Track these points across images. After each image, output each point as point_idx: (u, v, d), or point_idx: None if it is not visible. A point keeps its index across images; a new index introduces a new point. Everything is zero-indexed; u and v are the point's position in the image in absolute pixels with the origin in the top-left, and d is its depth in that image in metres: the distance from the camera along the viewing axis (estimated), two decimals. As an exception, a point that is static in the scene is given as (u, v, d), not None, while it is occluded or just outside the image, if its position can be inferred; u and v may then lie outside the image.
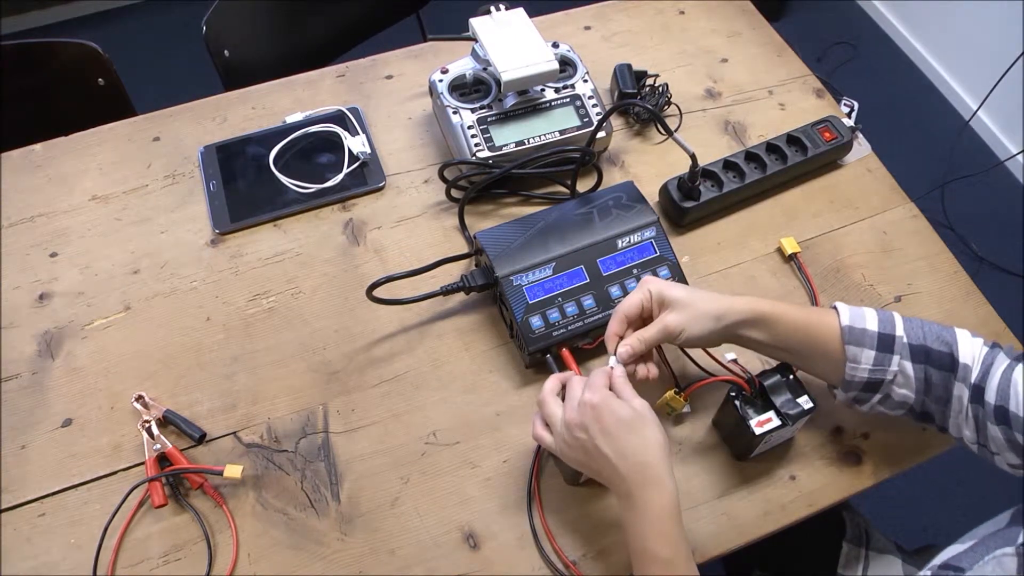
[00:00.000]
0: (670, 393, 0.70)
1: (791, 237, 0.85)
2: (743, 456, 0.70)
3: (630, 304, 0.65)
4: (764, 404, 0.66)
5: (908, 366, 0.61)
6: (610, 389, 0.60)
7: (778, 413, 0.65)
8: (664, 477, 0.57)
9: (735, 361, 0.68)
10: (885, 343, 0.61)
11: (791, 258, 0.84)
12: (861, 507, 0.88)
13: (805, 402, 0.66)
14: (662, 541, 0.55)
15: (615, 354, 0.64)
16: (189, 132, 0.93)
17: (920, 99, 2.21)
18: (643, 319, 0.66)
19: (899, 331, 0.62)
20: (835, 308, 0.64)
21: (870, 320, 0.62)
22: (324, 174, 0.89)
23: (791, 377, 0.67)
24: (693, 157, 0.78)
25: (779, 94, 1.01)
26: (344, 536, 0.66)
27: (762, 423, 0.65)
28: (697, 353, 0.73)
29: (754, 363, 0.76)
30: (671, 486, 0.57)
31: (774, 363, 0.69)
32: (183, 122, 0.94)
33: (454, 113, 0.85)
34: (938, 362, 0.61)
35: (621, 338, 0.65)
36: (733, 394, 0.66)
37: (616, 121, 0.96)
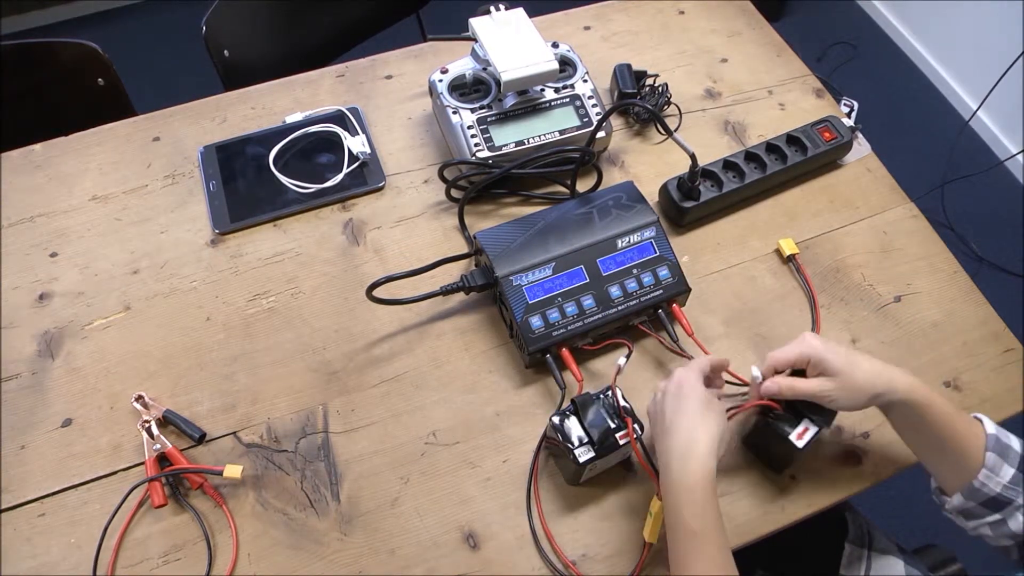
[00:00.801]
0: None
1: (789, 238, 0.85)
2: (781, 469, 0.69)
3: (784, 358, 0.64)
4: (794, 415, 0.65)
5: None
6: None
7: (811, 420, 0.64)
8: (704, 456, 0.58)
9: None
10: None
11: (789, 259, 0.84)
12: (861, 507, 0.88)
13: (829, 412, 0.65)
14: (693, 513, 0.57)
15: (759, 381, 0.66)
16: (189, 132, 0.93)
17: (920, 99, 2.21)
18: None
19: None
20: (978, 418, 0.62)
21: (1014, 440, 0.60)
22: (324, 174, 0.89)
23: None
24: (693, 157, 0.78)
25: (779, 94, 1.01)
26: (344, 536, 0.66)
27: (801, 435, 0.64)
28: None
29: (747, 355, 0.76)
30: (709, 466, 0.58)
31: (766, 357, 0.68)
32: (183, 122, 0.94)
33: (454, 113, 0.85)
34: None
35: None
36: (769, 417, 0.65)
37: (616, 121, 0.96)
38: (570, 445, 0.64)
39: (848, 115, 1.00)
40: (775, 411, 0.65)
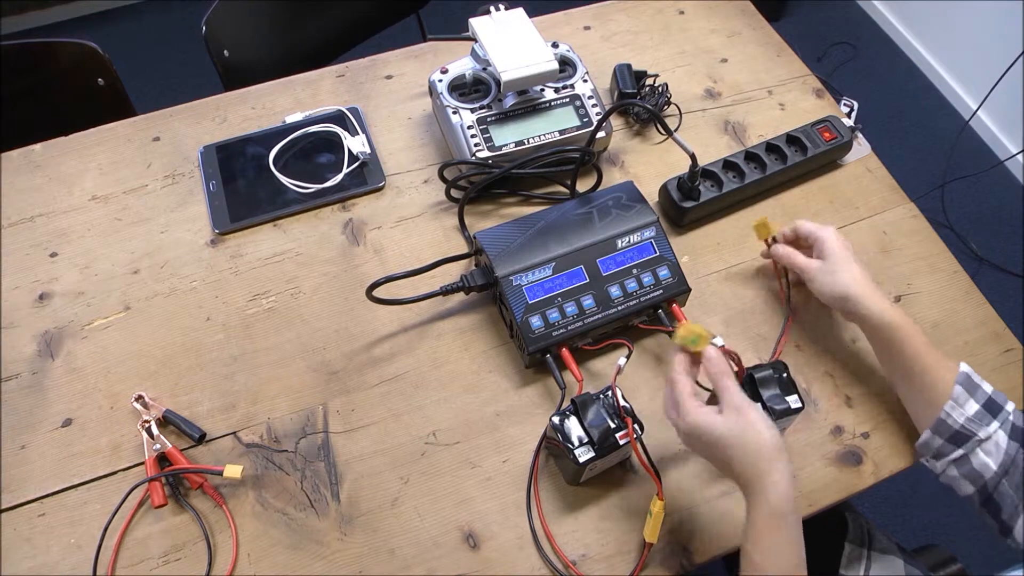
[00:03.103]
0: None
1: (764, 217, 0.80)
2: None
3: (803, 226, 0.76)
4: (752, 397, 0.65)
5: (1003, 438, 0.59)
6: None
7: (764, 407, 0.65)
8: (755, 488, 0.55)
9: (723, 348, 0.65)
10: (992, 407, 0.60)
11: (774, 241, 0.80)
12: (861, 507, 0.88)
13: (794, 401, 0.66)
14: (758, 546, 0.55)
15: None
16: (189, 132, 0.93)
17: (920, 99, 2.21)
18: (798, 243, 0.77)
19: (1009, 407, 0.60)
20: (963, 369, 0.63)
21: (987, 385, 0.61)
22: (324, 174, 0.89)
23: (784, 376, 0.67)
24: (693, 157, 0.79)
25: (779, 94, 1.01)
26: (344, 536, 0.66)
27: None
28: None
29: (747, 356, 0.76)
30: (764, 495, 0.54)
31: (766, 358, 0.69)
32: (183, 122, 0.94)
33: (454, 113, 0.85)
34: None
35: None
36: None
37: (616, 121, 0.96)
38: (570, 445, 0.64)
39: (848, 115, 1.00)
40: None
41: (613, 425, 0.65)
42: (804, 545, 0.55)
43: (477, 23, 0.86)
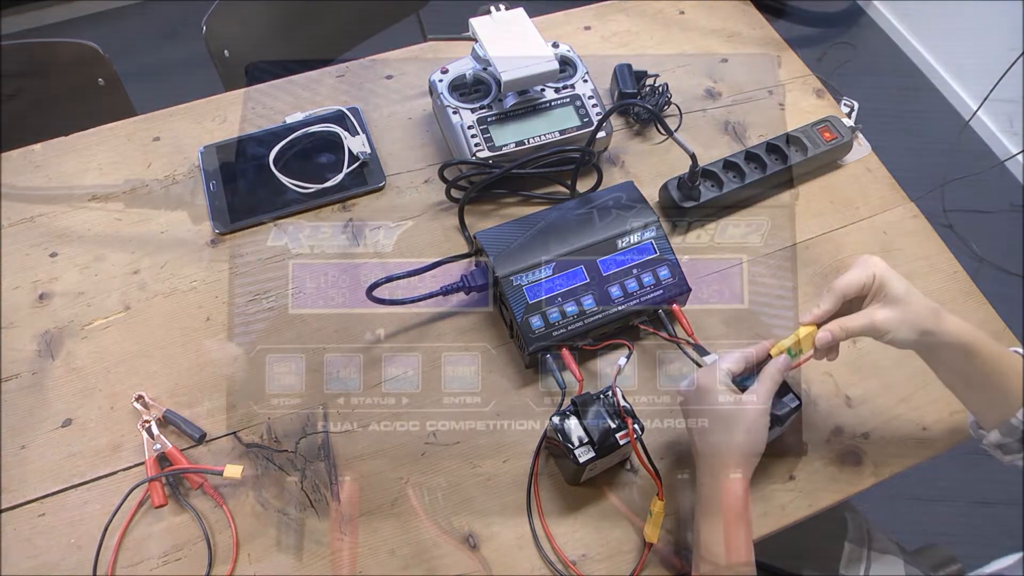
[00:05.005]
0: None
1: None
2: None
3: (849, 283, 0.60)
4: None
5: None
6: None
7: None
8: (733, 478, 0.58)
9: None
10: None
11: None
12: (861, 507, 0.88)
13: (791, 400, 0.65)
14: (732, 534, 0.58)
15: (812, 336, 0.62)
16: (189, 132, 0.93)
17: (920, 99, 2.21)
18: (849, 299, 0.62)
19: None
20: (1019, 353, 0.62)
21: None
22: (324, 174, 0.89)
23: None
24: (693, 157, 0.78)
25: (779, 94, 1.01)
26: (344, 536, 0.66)
27: None
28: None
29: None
30: (738, 489, 0.58)
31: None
32: (183, 122, 0.94)
33: (454, 113, 0.85)
34: None
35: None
36: None
37: (616, 121, 0.96)
38: (570, 445, 0.64)
39: (848, 115, 1.00)
40: None
41: (613, 425, 0.65)
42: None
43: (477, 23, 0.86)
